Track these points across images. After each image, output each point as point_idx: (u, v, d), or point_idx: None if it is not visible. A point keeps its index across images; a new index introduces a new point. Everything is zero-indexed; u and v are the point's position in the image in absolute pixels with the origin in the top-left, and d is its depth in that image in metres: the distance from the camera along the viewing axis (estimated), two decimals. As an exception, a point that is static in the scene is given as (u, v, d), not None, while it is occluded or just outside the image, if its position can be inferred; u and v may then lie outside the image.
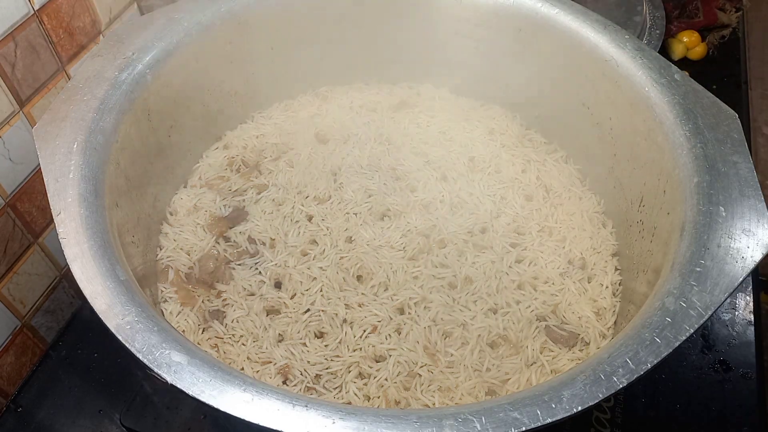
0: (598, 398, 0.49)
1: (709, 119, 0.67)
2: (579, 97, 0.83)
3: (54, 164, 0.62)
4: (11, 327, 0.85)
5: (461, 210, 0.83)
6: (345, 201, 0.83)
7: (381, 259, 0.77)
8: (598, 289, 0.76)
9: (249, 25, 0.84)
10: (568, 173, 0.88)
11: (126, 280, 0.56)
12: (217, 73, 0.85)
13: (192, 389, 0.49)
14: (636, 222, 0.75)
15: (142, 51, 0.73)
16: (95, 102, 0.67)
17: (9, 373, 0.85)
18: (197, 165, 0.88)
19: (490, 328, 0.71)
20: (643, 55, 0.74)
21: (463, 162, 0.88)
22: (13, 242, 0.82)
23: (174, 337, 0.52)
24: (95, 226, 0.59)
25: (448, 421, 0.47)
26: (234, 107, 0.91)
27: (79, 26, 0.86)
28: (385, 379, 0.67)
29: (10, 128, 0.78)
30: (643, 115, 0.72)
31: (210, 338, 0.72)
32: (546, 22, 0.82)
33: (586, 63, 0.79)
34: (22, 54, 0.77)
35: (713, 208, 0.60)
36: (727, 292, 0.54)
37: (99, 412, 0.81)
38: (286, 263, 0.77)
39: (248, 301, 0.74)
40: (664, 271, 0.59)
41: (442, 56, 0.94)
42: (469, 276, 0.76)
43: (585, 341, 0.71)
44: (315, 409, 0.48)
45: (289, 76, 0.94)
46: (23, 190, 0.82)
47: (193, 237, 0.80)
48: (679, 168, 0.65)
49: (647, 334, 0.52)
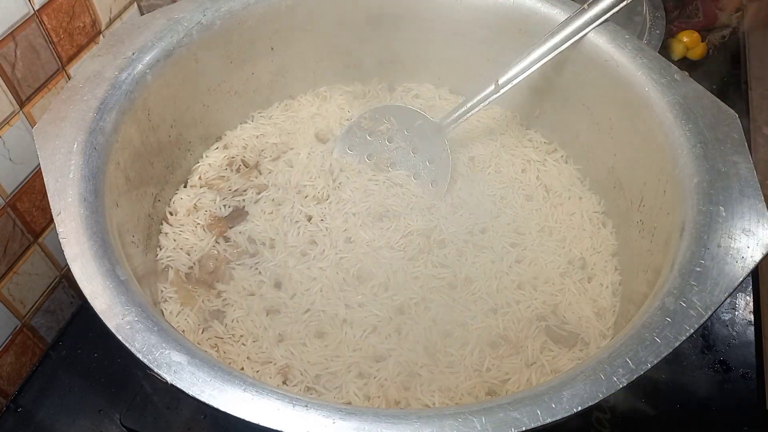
0: (598, 398, 0.49)
1: (709, 119, 0.67)
2: (579, 97, 0.83)
3: (54, 164, 0.62)
4: (11, 327, 0.85)
5: (461, 210, 0.83)
6: (344, 201, 0.83)
7: (381, 259, 0.77)
8: (598, 289, 0.76)
9: (249, 25, 0.84)
10: (568, 173, 0.88)
11: (126, 280, 0.56)
12: (217, 73, 0.85)
13: (192, 389, 0.49)
14: (636, 222, 0.75)
15: (142, 51, 0.73)
16: (95, 102, 0.67)
17: (9, 373, 0.85)
18: (197, 165, 0.88)
19: (490, 328, 0.71)
20: (643, 55, 0.74)
21: (463, 162, 0.88)
22: (13, 242, 0.82)
23: (174, 337, 0.52)
24: (95, 226, 0.59)
25: (448, 421, 0.47)
26: (234, 107, 0.91)
27: (79, 26, 0.86)
28: (385, 379, 0.67)
29: (10, 128, 0.78)
30: (643, 115, 0.72)
31: (210, 338, 0.72)
32: (546, 22, 0.82)
33: (586, 63, 0.79)
34: (22, 54, 0.77)
35: (713, 208, 0.60)
36: (727, 292, 0.54)
37: (99, 412, 0.81)
38: (286, 263, 0.77)
39: (248, 301, 0.74)
40: (664, 271, 0.59)
41: (442, 56, 0.94)
42: (469, 276, 0.76)
43: (585, 341, 0.71)
44: (315, 409, 0.48)
45: (289, 76, 0.94)
46: (23, 190, 0.82)
47: (193, 237, 0.80)
48: (679, 168, 0.65)
49: (647, 334, 0.52)
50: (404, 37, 0.93)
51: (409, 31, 0.92)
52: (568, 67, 0.82)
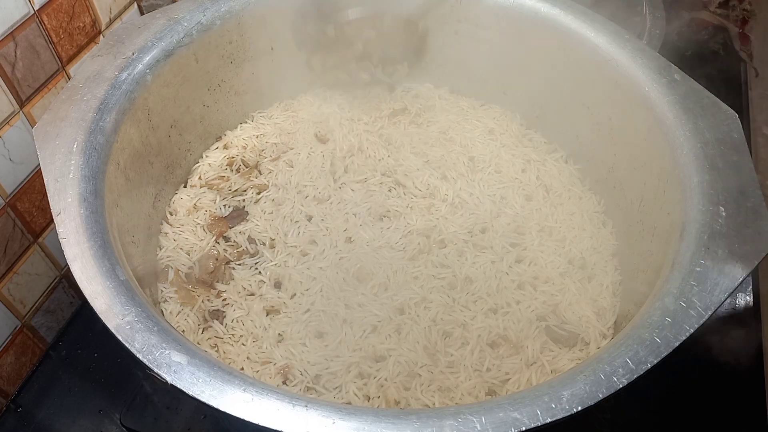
0: (597, 398, 0.49)
1: (709, 119, 0.67)
2: (579, 97, 0.83)
3: (54, 164, 0.62)
4: (11, 327, 0.85)
5: (461, 210, 0.83)
6: (344, 201, 0.83)
7: (381, 259, 0.77)
8: (598, 289, 0.76)
9: (249, 25, 0.84)
10: (568, 173, 0.88)
11: (126, 280, 0.56)
12: (217, 73, 0.85)
13: (192, 389, 0.49)
14: (636, 222, 0.75)
15: (142, 51, 0.73)
16: (95, 102, 0.67)
17: (9, 373, 0.85)
18: (197, 165, 0.88)
19: (490, 328, 0.71)
20: (643, 55, 0.74)
21: (463, 162, 0.88)
22: (13, 242, 0.82)
23: (174, 337, 0.52)
24: (95, 226, 0.59)
25: (448, 421, 0.47)
26: (234, 107, 0.91)
27: (79, 26, 0.86)
28: (385, 379, 0.67)
29: (10, 128, 0.78)
30: (643, 115, 0.72)
31: (210, 338, 0.72)
32: (546, 22, 0.82)
33: (586, 63, 0.79)
34: (22, 54, 0.77)
35: (713, 208, 0.60)
36: (727, 292, 0.54)
37: (99, 412, 0.81)
38: (286, 263, 0.77)
39: (248, 301, 0.74)
40: (664, 271, 0.59)
41: (442, 56, 0.94)
42: (469, 276, 0.76)
43: (585, 341, 0.71)
44: (315, 409, 0.48)
45: (289, 76, 0.94)
46: (23, 190, 0.82)
47: (193, 237, 0.80)
48: (679, 168, 0.65)
49: (647, 334, 0.52)
50: (405, 37, 0.92)
51: (409, 30, 0.92)
52: (569, 67, 0.82)
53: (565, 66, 0.82)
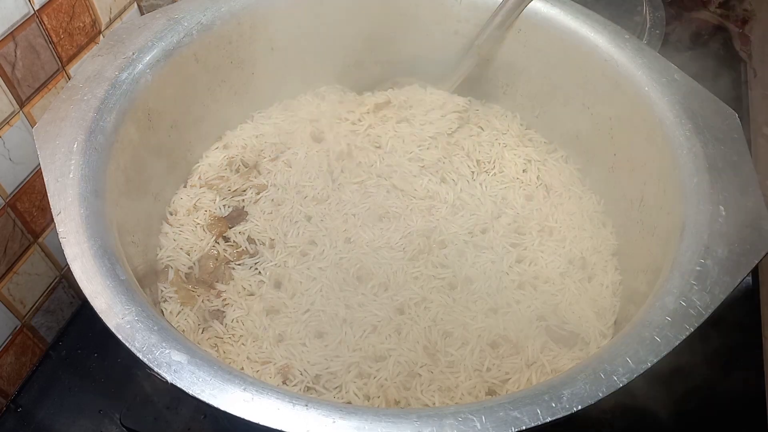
0: (598, 397, 0.49)
1: (709, 119, 0.67)
2: (579, 97, 0.83)
3: (54, 164, 0.62)
4: (11, 327, 0.85)
5: (462, 211, 0.83)
6: (343, 202, 0.83)
7: (381, 259, 0.77)
8: (599, 289, 0.76)
9: (249, 25, 0.84)
10: (569, 173, 0.88)
11: (126, 280, 0.56)
12: (217, 73, 0.85)
13: (192, 388, 0.49)
14: (636, 222, 0.75)
15: (142, 51, 0.73)
16: (95, 102, 0.67)
17: (9, 373, 0.85)
18: (197, 165, 0.88)
19: (491, 328, 0.71)
20: (643, 55, 0.74)
21: (464, 162, 0.88)
22: (13, 242, 0.82)
23: (174, 337, 0.52)
24: (95, 226, 0.59)
25: (448, 421, 0.47)
26: (234, 107, 0.90)
27: (79, 26, 0.86)
28: (385, 378, 0.67)
29: (10, 128, 0.78)
30: (643, 115, 0.72)
31: (210, 338, 0.72)
32: (546, 22, 0.82)
33: (586, 63, 0.79)
34: (22, 54, 0.77)
35: (713, 207, 0.60)
36: (727, 291, 0.55)
37: (99, 412, 0.81)
38: (286, 263, 0.77)
39: (248, 301, 0.74)
40: (664, 270, 0.59)
41: (442, 56, 0.94)
42: (470, 276, 0.76)
43: (585, 341, 0.71)
44: (315, 408, 0.48)
45: (289, 76, 0.94)
46: (23, 190, 0.82)
47: (193, 237, 0.80)
48: (679, 168, 0.65)
49: (647, 334, 0.52)
50: (405, 37, 0.93)
51: (409, 30, 0.92)
52: (569, 67, 0.82)
53: (565, 66, 0.82)
